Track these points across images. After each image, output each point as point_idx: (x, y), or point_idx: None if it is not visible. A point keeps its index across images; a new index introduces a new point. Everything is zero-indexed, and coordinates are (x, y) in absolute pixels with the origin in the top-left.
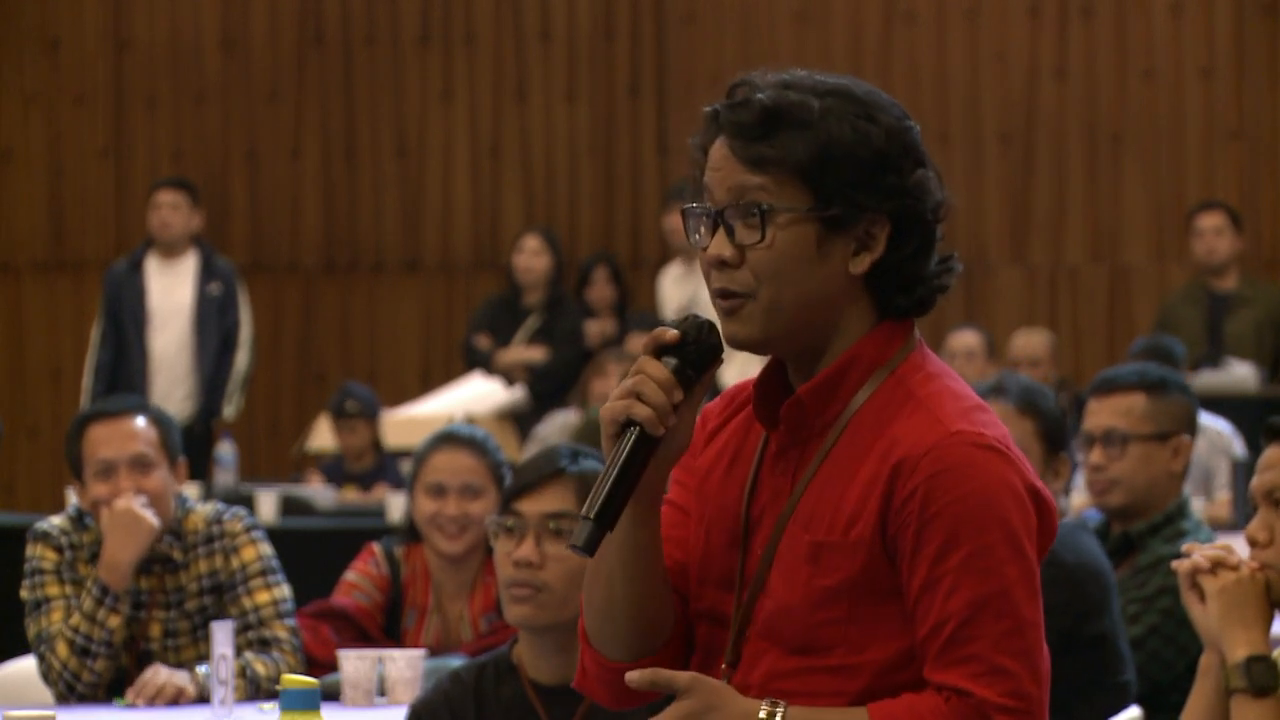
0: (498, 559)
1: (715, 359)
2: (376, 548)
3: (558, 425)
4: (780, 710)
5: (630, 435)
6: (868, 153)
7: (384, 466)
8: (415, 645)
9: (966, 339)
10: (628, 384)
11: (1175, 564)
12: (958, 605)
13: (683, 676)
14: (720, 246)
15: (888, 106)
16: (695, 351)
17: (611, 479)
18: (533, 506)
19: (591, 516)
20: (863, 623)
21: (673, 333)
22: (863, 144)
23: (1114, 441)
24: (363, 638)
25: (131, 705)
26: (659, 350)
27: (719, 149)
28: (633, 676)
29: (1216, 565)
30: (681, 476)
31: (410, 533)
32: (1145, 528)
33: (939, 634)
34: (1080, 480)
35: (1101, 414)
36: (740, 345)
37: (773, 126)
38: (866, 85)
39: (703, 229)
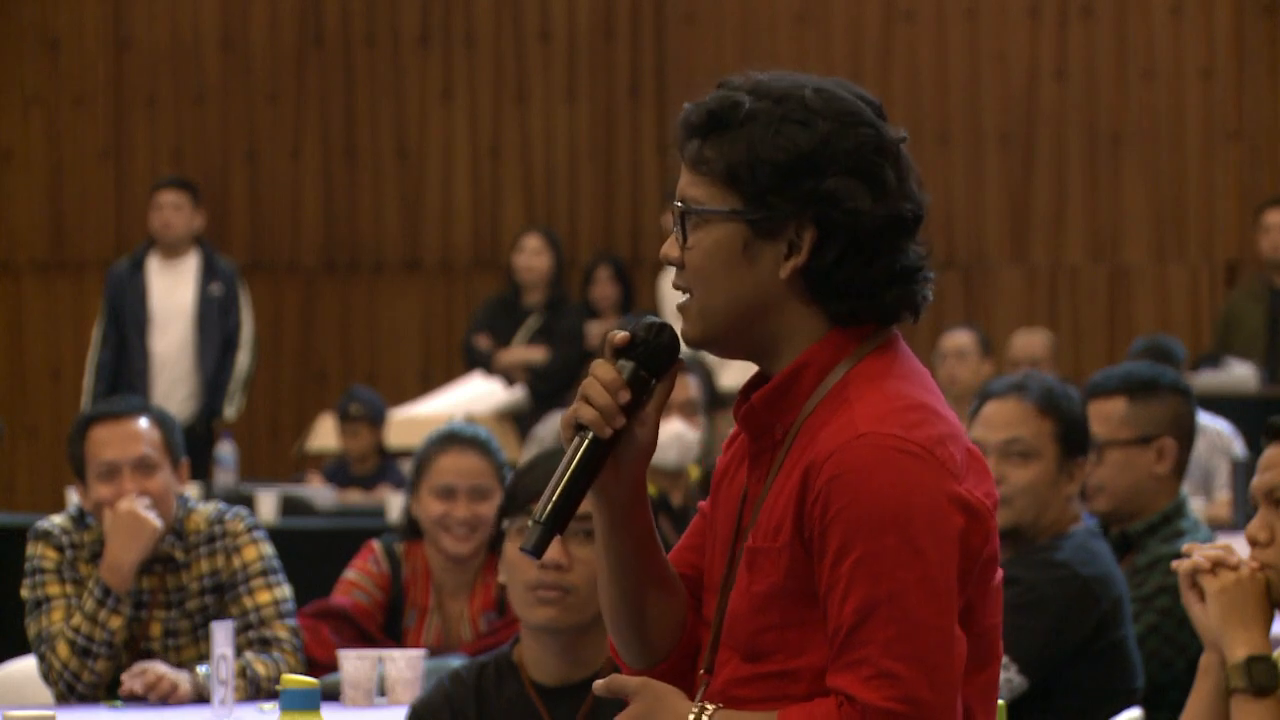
0: (516, 561)
1: (670, 359)
2: (376, 545)
3: (554, 425)
4: (708, 714)
5: (581, 439)
6: (786, 157)
7: (387, 469)
8: (416, 644)
9: (959, 339)
10: (580, 387)
11: (1175, 564)
12: (851, 609)
13: (633, 682)
14: (670, 246)
15: (836, 113)
16: (645, 352)
17: (561, 483)
18: None
19: (540, 520)
20: (798, 627)
21: (623, 334)
22: (782, 148)
23: (1093, 448)
24: (363, 638)
25: (125, 703)
26: (617, 353)
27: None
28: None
29: (1216, 565)
30: (713, 484)
31: (411, 530)
32: (1143, 528)
33: (836, 638)
34: None
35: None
36: (689, 344)
37: (711, 129)
38: (833, 90)
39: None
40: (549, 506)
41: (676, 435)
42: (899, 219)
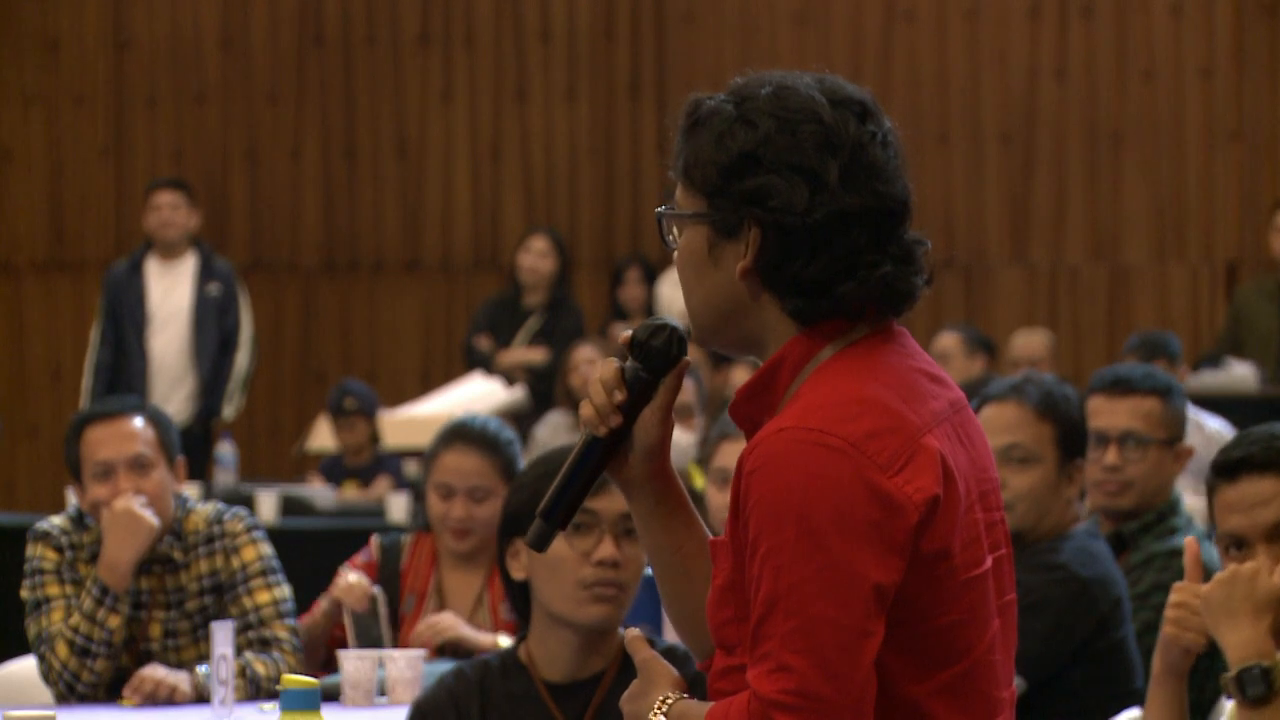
0: (566, 558)
1: (666, 360)
2: (374, 540)
3: (552, 426)
4: (669, 702)
5: (585, 434)
6: (725, 158)
7: (382, 460)
8: (414, 628)
9: (944, 341)
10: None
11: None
12: (759, 602)
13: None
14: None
15: (783, 111)
16: (642, 353)
17: (560, 478)
18: (607, 505)
19: (539, 513)
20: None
21: (626, 334)
22: (722, 149)
23: (1134, 444)
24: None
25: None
26: (625, 353)
27: None
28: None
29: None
30: None
31: (421, 521)
32: (1137, 526)
33: (751, 631)
34: None
35: (1119, 414)
36: (696, 343)
37: (685, 130)
38: (796, 87)
39: None
40: (547, 501)
41: None
42: (842, 215)
